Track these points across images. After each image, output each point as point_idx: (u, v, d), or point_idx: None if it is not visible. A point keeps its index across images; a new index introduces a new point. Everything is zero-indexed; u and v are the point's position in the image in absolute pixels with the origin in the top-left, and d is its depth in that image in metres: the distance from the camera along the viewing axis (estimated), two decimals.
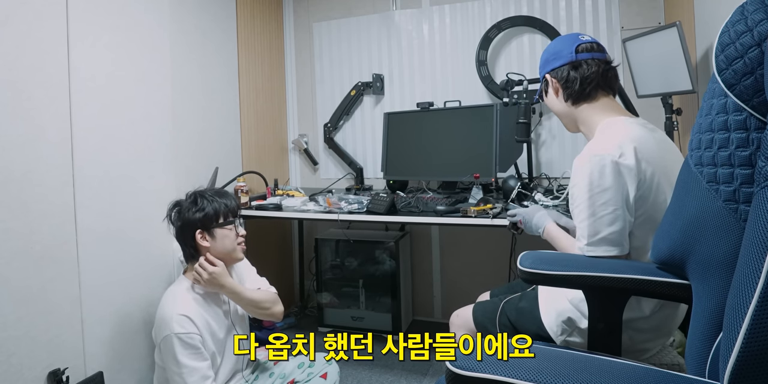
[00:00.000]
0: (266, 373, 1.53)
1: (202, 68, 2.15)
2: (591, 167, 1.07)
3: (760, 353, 0.49)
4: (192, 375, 1.30)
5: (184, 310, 1.34)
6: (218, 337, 1.42)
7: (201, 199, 1.44)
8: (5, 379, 1.28)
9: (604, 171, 1.06)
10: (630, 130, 1.12)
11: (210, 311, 1.42)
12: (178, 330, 1.31)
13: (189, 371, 1.30)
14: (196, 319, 1.35)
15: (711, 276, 0.72)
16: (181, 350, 1.30)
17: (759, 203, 0.54)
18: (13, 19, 1.34)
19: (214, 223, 1.43)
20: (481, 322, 1.33)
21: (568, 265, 1.01)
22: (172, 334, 1.30)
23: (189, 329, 1.32)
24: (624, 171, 1.06)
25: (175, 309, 1.35)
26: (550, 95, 1.28)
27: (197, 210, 1.42)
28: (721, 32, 0.67)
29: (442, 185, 2.37)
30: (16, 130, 1.34)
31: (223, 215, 1.44)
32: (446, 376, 0.58)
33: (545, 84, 1.29)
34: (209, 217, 1.42)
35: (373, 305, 2.49)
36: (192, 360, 1.31)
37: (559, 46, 1.26)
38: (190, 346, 1.31)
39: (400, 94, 2.67)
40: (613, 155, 1.06)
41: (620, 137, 1.10)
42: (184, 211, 1.43)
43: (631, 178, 1.06)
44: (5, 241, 1.30)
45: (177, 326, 1.31)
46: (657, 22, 2.22)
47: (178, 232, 1.45)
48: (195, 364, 1.31)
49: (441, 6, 2.57)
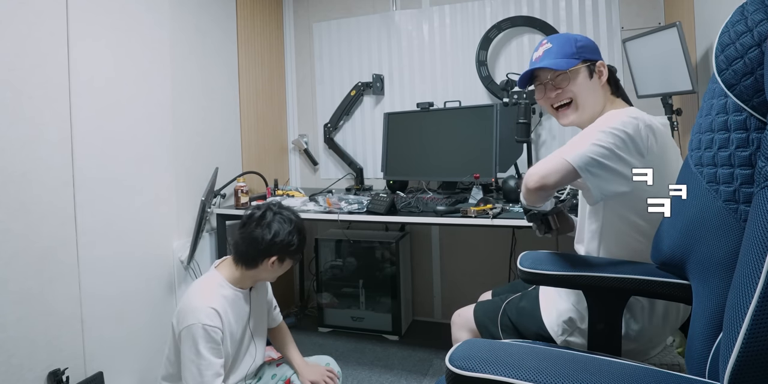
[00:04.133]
0: (269, 374, 1.53)
1: (202, 68, 2.15)
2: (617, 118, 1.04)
3: (760, 353, 0.49)
4: (209, 368, 1.29)
5: (215, 304, 1.34)
6: (235, 338, 1.41)
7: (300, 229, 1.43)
8: (5, 379, 1.28)
9: (628, 124, 1.02)
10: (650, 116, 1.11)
11: (233, 312, 1.41)
12: (206, 321, 1.30)
13: (207, 364, 1.29)
14: (222, 316, 1.35)
15: (711, 276, 0.72)
16: (203, 342, 1.30)
17: (759, 203, 0.54)
18: (13, 19, 1.34)
19: (292, 254, 1.42)
20: (482, 322, 1.33)
21: (568, 265, 1.01)
22: (200, 324, 1.30)
23: (216, 323, 1.32)
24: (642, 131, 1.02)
25: (207, 301, 1.34)
26: (594, 79, 1.20)
27: (289, 235, 1.39)
28: (721, 32, 0.67)
29: (442, 185, 2.37)
30: (16, 130, 1.34)
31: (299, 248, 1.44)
32: (446, 376, 0.59)
33: (591, 67, 1.20)
34: (295, 249, 1.41)
35: (373, 305, 2.49)
36: (211, 354, 1.31)
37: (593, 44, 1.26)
38: (212, 340, 1.31)
39: (400, 94, 2.67)
40: (644, 120, 1.04)
41: (641, 115, 1.08)
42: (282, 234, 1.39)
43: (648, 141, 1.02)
44: (5, 242, 1.30)
45: (206, 318, 1.31)
46: (657, 23, 2.22)
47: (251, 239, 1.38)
48: (213, 359, 1.31)
49: (441, 6, 2.57)
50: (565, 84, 1.20)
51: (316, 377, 1.48)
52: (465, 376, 0.57)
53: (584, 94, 1.20)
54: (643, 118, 1.05)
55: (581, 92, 1.20)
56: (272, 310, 1.62)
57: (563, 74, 1.19)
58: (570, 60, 1.19)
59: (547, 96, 1.24)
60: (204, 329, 1.29)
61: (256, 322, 1.50)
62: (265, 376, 1.53)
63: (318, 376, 1.48)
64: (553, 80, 1.21)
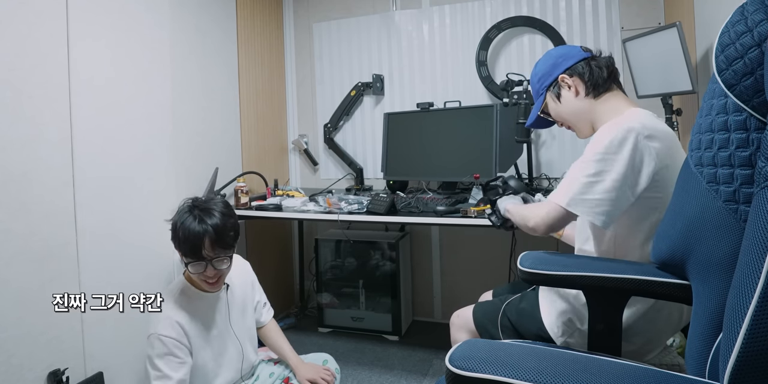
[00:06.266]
0: (266, 373, 1.53)
1: (202, 68, 2.15)
2: (614, 134, 1.05)
3: (760, 353, 0.49)
4: (161, 380, 1.25)
5: (175, 315, 1.30)
6: (212, 343, 1.38)
7: (183, 215, 1.28)
8: (5, 379, 1.28)
9: (626, 141, 1.03)
10: (658, 122, 1.12)
11: (204, 316, 1.37)
12: (162, 332, 1.27)
13: (160, 376, 1.25)
14: (186, 325, 1.31)
15: (711, 276, 0.72)
16: (159, 353, 1.26)
17: (759, 204, 0.54)
18: (13, 19, 1.34)
19: (180, 252, 1.29)
20: (482, 323, 1.33)
21: (568, 265, 1.01)
22: (156, 334, 1.27)
23: (173, 334, 1.27)
24: (644, 150, 1.03)
25: (168, 311, 1.30)
26: (565, 98, 1.25)
27: (174, 235, 1.28)
28: (721, 33, 0.67)
29: (442, 185, 2.37)
30: (16, 130, 1.34)
31: (183, 251, 1.27)
32: (446, 376, 0.58)
33: (556, 88, 1.26)
34: (176, 243, 1.28)
35: (373, 306, 2.49)
36: (167, 367, 1.26)
37: (561, 51, 1.28)
38: (169, 352, 1.26)
39: (400, 94, 2.67)
40: (641, 131, 1.04)
41: (649, 122, 1.08)
42: (175, 216, 1.31)
43: (649, 160, 1.04)
44: (5, 242, 1.30)
45: (162, 328, 1.27)
46: (657, 23, 2.22)
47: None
48: (170, 372, 1.25)
49: (441, 6, 2.57)
50: (552, 117, 1.33)
51: (312, 375, 1.46)
52: (465, 377, 0.56)
53: (564, 115, 1.29)
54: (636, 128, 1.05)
55: (560, 115, 1.30)
56: (260, 307, 1.59)
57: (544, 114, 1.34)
58: (537, 102, 1.33)
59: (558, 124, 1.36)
60: (160, 339, 1.26)
61: (238, 321, 1.47)
62: (263, 375, 1.52)
63: (314, 374, 1.46)
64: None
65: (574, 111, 1.25)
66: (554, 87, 1.26)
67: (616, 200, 1.04)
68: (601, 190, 1.04)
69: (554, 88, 1.26)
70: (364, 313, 2.50)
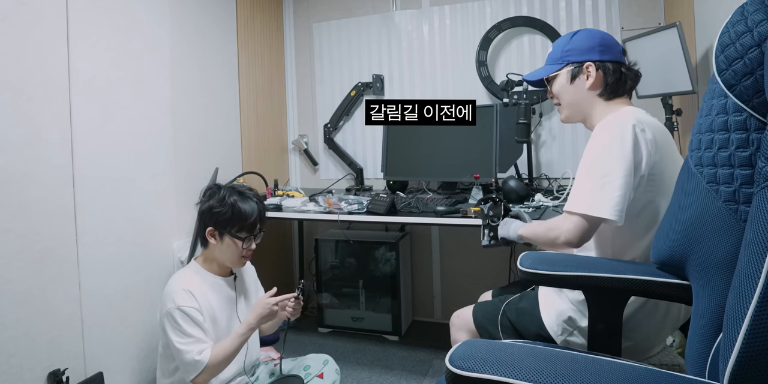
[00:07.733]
0: (267, 373, 1.53)
1: (202, 68, 2.15)
2: (613, 132, 1.08)
3: (760, 353, 0.49)
4: (197, 344, 1.30)
5: (188, 286, 1.35)
6: (220, 324, 1.41)
7: (231, 197, 1.40)
8: (5, 379, 1.28)
9: (626, 136, 1.06)
10: (650, 117, 1.15)
11: (216, 296, 1.41)
12: (180, 303, 1.31)
13: (193, 342, 1.30)
14: (198, 295, 1.35)
15: (711, 276, 0.72)
16: (183, 322, 1.30)
17: (759, 204, 0.54)
18: (13, 19, 1.34)
19: (228, 228, 1.39)
20: (482, 323, 1.33)
21: (568, 265, 1.01)
22: (175, 306, 1.30)
23: (190, 303, 1.32)
24: (641, 142, 1.07)
25: (179, 284, 1.36)
26: (577, 83, 1.23)
27: (221, 205, 1.38)
28: (721, 33, 0.67)
29: (442, 186, 2.37)
30: (16, 130, 1.34)
31: (239, 227, 1.39)
32: (446, 376, 0.58)
33: (576, 69, 1.23)
34: (225, 221, 1.38)
35: (373, 306, 2.49)
36: (195, 330, 1.31)
37: (607, 39, 1.24)
38: (193, 319, 1.31)
39: (400, 94, 2.67)
40: (636, 124, 1.07)
41: (640, 117, 1.12)
42: (213, 201, 1.40)
43: (646, 151, 1.07)
44: (5, 242, 1.30)
45: (180, 299, 1.31)
46: (657, 23, 2.22)
47: (198, 216, 1.44)
48: (199, 334, 1.31)
49: (441, 7, 2.57)
50: (549, 87, 1.31)
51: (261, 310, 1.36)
52: (465, 377, 0.56)
53: (565, 97, 1.27)
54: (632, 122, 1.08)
55: (561, 94, 1.28)
56: None
57: (546, 80, 1.31)
58: (552, 66, 1.29)
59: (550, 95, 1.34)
60: (180, 310, 1.30)
61: (243, 312, 1.49)
62: (263, 375, 1.52)
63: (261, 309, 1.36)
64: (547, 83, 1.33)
65: (577, 99, 1.25)
66: (576, 66, 1.23)
67: (626, 195, 1.06)
68: (613, 188, 1.05)
69: (575, 68, 1.24)
70: (364, 313, 2.50)
